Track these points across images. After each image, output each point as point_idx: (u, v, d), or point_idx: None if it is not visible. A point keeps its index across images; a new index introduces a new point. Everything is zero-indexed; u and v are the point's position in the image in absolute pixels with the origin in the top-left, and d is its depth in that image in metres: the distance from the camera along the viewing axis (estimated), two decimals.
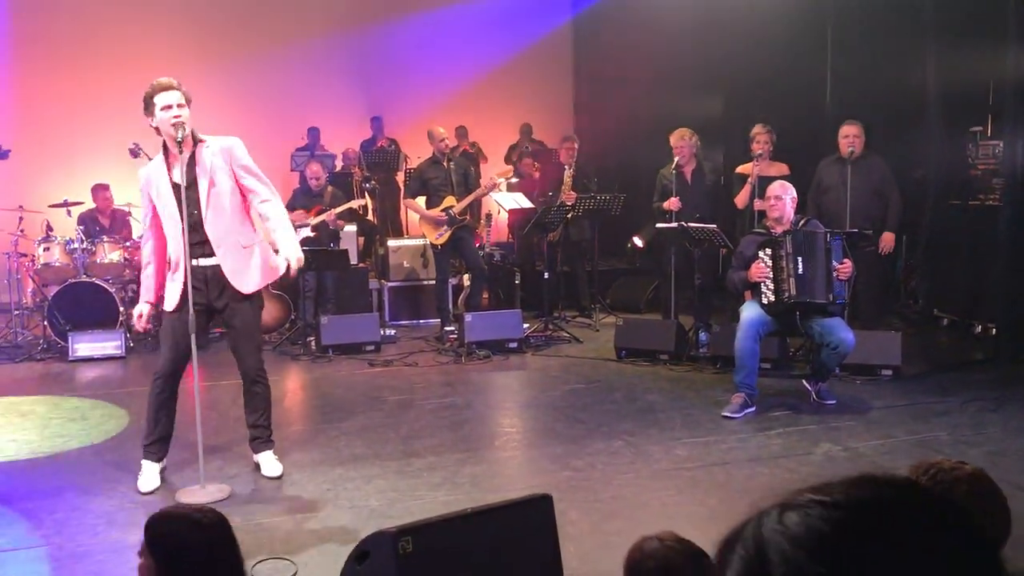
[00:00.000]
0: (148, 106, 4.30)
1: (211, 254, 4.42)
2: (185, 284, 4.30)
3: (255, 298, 4.58)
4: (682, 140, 7.44)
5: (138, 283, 4.73)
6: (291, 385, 6.75)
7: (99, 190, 8.82)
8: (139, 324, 4.67)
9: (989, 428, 5.22)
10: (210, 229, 4.38)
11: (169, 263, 4.49)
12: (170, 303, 4.49)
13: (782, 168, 7.16)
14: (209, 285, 4.46)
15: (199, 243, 4.38)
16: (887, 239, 6.86)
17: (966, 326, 7.65)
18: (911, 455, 4.76)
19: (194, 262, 4.34)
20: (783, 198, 5.74)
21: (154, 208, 4.45)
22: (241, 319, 4.52)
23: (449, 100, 11.84)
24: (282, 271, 4.50)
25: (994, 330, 7.16)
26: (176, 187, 4.36)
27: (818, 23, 8.65)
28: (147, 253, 4.58)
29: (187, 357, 4.45)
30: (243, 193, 4.47)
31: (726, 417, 5.51)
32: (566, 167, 8.84)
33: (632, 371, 6.88)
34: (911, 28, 7.91)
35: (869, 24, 8.15)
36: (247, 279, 4.48)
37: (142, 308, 4.61)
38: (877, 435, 5.17)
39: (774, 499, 0.82)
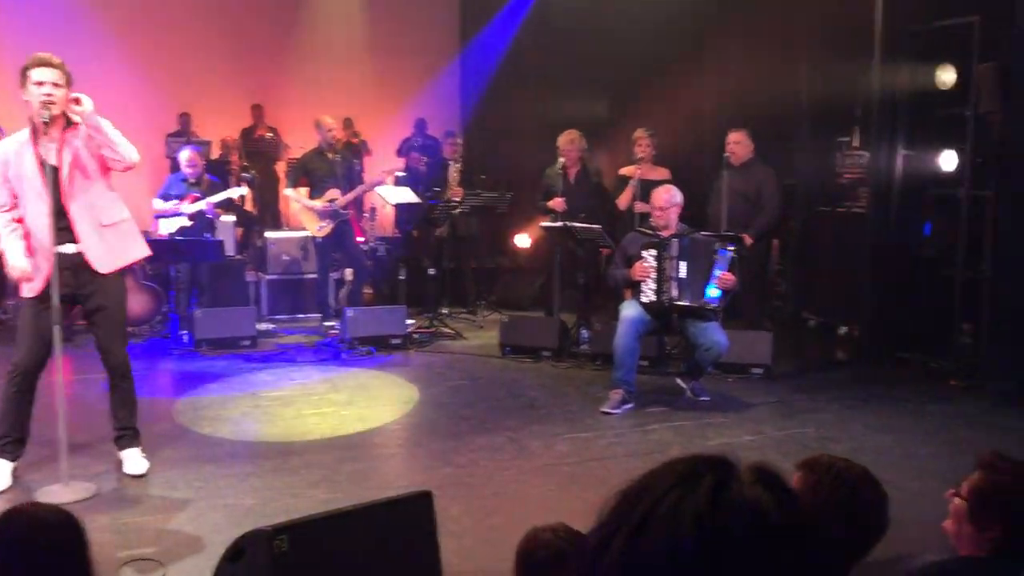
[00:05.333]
0: (23, 78, 4.09)
1: (76, 240, 4.22)
2: (50, 271, 4.08)
3: (120, 289, 4.40)
4: (571, 144, 7.45)
5: None
6: (163, 380, 6.48)
7: None
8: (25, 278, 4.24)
9: (851, 425, 5.48)
10: (74, 212, 4.18)
11: (30, 247, 4.25)
12: (32, 289, 4.25)
13: (663, 172, 7.31)
14: (74, 272, 4.25)
15: (64, 228, 4.18)
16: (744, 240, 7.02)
17: (831, 327, 8.01)
18: (780, 450, 4.95)
19: (59, 248, 4.12)
20: (667, 209, 5.85)
21: (11, 190, 4.20)
22: (106, 309, 4.32)
23: (334, 90, 11.62)
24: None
25: (857, 332, 7.52)
26: (44, 167, 4.12)
27: (696, 35, 8.87)
28: (5, 220, 4.24)
29: (50, 350, 4.21)
30: (106, 169, 4.28)
31: (605, 413, 5.60)
32: (451, 163, 8.83)
33: (516, 367, 6.92)
34: (785, 44, 8.20)
35: (745, 37, 8.41)
36: (105, 258, 4.29)
37: (23, 263, 4.20)
38: (749, 430, 5.35)
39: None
